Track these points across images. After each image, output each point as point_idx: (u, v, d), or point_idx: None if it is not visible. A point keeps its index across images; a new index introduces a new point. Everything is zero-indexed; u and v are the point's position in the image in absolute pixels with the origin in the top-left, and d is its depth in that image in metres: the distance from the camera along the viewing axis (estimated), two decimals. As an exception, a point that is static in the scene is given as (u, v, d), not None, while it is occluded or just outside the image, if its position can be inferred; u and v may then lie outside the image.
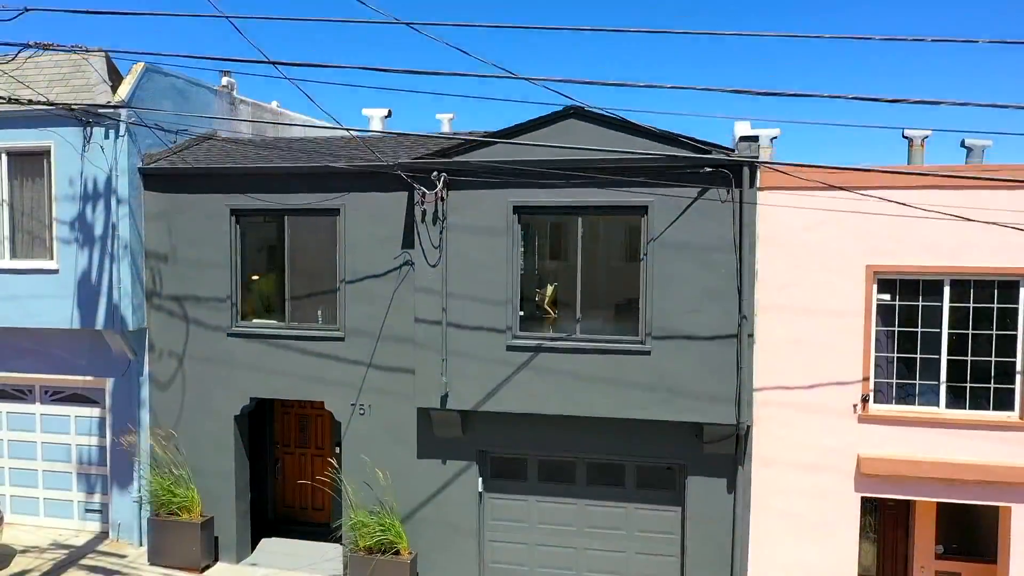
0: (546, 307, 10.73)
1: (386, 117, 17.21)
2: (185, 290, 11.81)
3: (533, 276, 10.74)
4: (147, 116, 11.83)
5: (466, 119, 27.38)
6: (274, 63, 7.56)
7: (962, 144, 14.54)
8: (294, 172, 11.28)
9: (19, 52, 10.48)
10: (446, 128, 17.71)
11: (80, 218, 11.74)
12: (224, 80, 15.08)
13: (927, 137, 14.51)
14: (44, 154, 11.86)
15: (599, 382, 10.19)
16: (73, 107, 11.27)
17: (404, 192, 10.84)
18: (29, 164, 11.99)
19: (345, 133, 12.54)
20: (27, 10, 8.16)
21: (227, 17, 7.43)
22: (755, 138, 9.88)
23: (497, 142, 10.33)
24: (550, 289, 10.80)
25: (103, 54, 12.25)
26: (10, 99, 10.45)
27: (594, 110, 10.04)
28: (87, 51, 11.42)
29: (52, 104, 11.13)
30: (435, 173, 10.36)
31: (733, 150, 9.85)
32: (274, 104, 16.29)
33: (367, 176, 11.00)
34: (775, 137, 17.03)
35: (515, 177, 10.23)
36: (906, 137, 14.40)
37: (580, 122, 10.13)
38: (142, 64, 11.96)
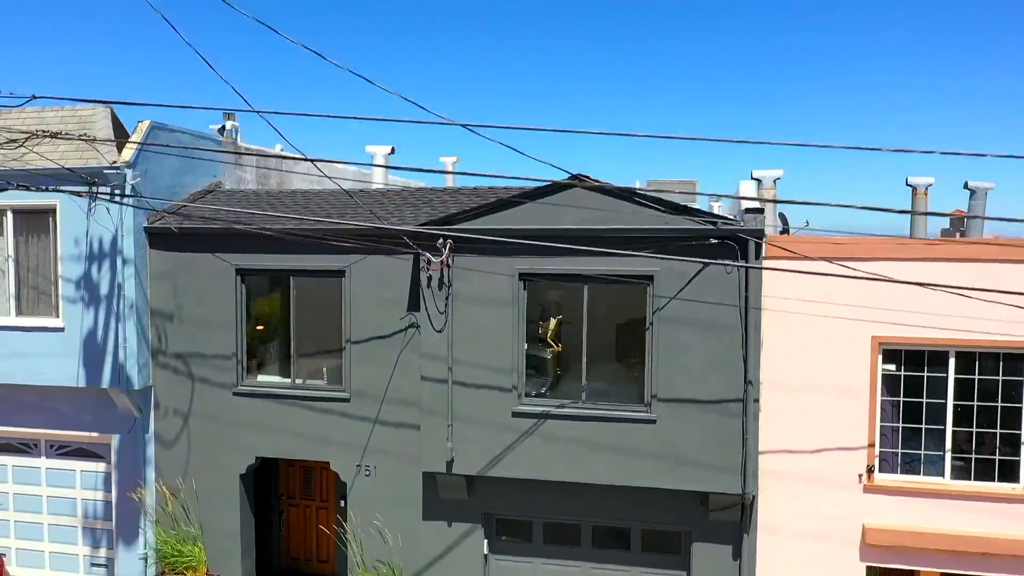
0: (549, 340, 10.82)
1: (389, 154, 17.27)
2: (191, 348, 11.83)
3: (537, 335, 10.77)
4: (152, 174, 11.86)
5: (469, 162, 27.33)
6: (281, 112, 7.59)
7: (965, 186, 14.57)
8: (299, 234, 11.28)
9: (25, 103, 10.59)
10: (450, 175, 17.73)
11: (86, 277, 11.75)
12: (228, 124, 15.11)
13: (930, 185, 14.56)
14: (50, 212, 11.88)
15: (605, 450, 10.22)
16: (77, 171, 11.34)
17: (410, 255, 10.85)
18: (35, 222, 12.00)
19: (351, 184, 12.57)
20: (34, 97, 8.21)
21: (227, 81, 7.45)
22: (760, 210, 9.89)
23: (503, 210, 10.35)
24: (553, 322, 10.89)
25: (108, 110, 12.28)
26: (13, 176, 10.46)
27: (599, 180, 10.09)
28: (93, 103, 11.55)
29: (57, 167, 11.23)
30: (441, 240, 10.37)
31: (739, 221, 9.87)
32: (278, 148, 16.29)
33: (372, 239, 11.01)
34: (778, 178, 17.05)
35: (521, 244, 10.24)
36: (910, 185, 14.44)
37: (585, 191, 10.14)
38: (148, 122, 11.97)
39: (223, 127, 16.07)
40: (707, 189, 17.46)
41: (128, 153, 11.62)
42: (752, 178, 17.46)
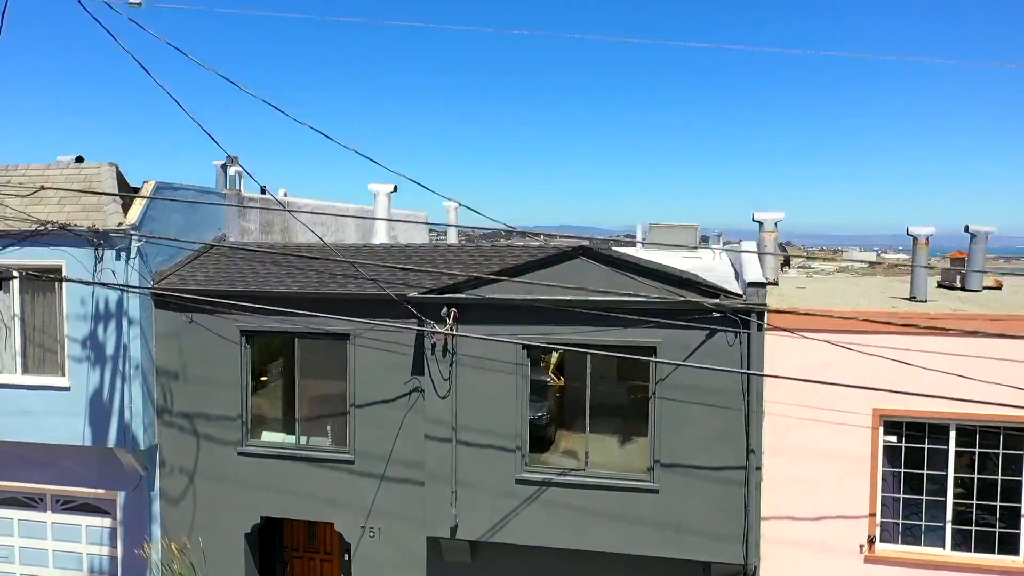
0: (551, 375, 10.89)
1: (392, 192, 17.33)
2: (196, 408, 11.90)
3: (542, 402, 10.83)
4: (158, 231, 11.93)
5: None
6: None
7: (966, 229, 14.63)
8: (303, 297, 11.35)
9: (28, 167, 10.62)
10: (452, 217, 17.83)
11: (92, 336, 11.82)
12: (232, 170, 15.18)
13: (931, 235, 14.60)
14: (56, 272, 11.93)
15: (607, 518, 10.29)
16: (83, 233, 11.42)
17: (414, 320, 10.92)
18: (41, 281, 12.07)
19: (356, 221, 12.65)
20: (43, 187, 8.28)
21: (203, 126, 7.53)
22: (762, 284, 9.96)
23: (508, 279, 10.41)
24: (555, 356, 10.94)
25: (113, 168, 12.35)
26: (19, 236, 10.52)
27: (603, 251, 10.17)
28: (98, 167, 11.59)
29: (63, 227, 11.31)
30: (445, 310, 10.44)
31: (741, 296, 9.93)
32: (282, 192, 16.36)
33: (377, 302, 11.08)
34: (779, 221, 17.09)
35: (525, 314, 10.32)
36: (911, 235, 14.49)
37: (590, 262, 10.22)
38: (152, 183, 12.04)
39: (225, 164, 16.13)
40: (710, 220, 17.49)
41: (134, 215, 11.70)
42: (753, 220, 17.55)
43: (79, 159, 19.30)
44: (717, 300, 9.83)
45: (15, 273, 11.98)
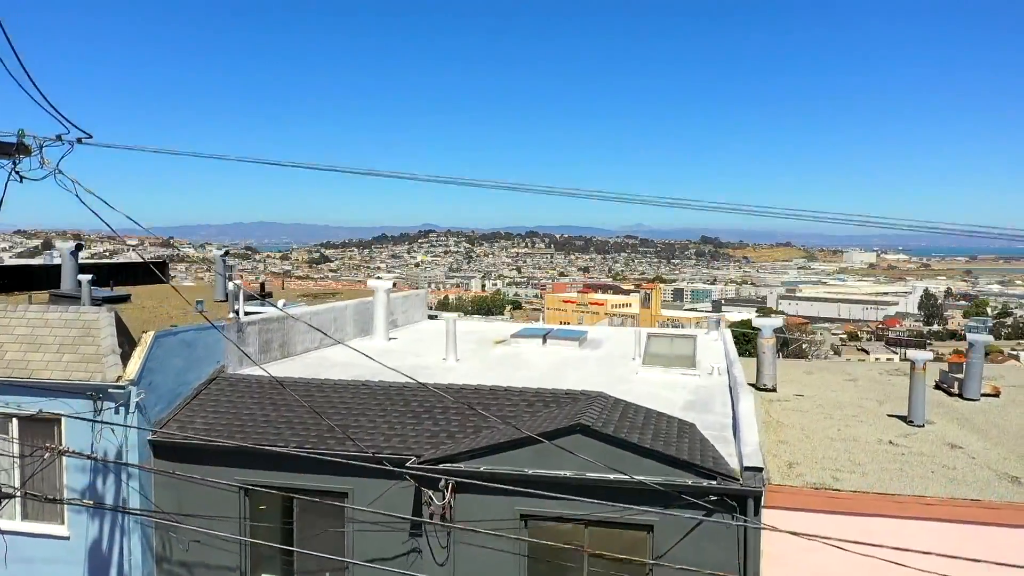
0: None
1: (390, 289, 17.36)
2: (196, 559, 11.94)
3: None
4: (157, 383, 11.97)
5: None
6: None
7: (963, 337, 14.67)
8: (303, 456, 11.38)
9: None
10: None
11: (91, 487, 11.86)
12: (231, 285, 15.21)
13: (929, 360, 14.68)
14: (55, 422, 11.97)
15: None
16: (82, 387, 11.47)
17: (412, 483, 10.95)
18: (41, 430, 12.10)
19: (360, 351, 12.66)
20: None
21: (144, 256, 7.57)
22: (759, 468, 9.99)
23: (506, 451, 10.45)
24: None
25: (112, 315, 12.37)
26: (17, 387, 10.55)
27: (601, 430, 10.21)
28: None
29: (61, 383, 11.36)
30: (443, 482, 10.48)
31: (738, 480, 9.97)
32: (281, 303, 16.40)
33: (376, 465, 11.10)
34: (777, 328, 17.13)
35: (523, 486, 10.36)
36: (909, 360, 14.57)
37: (587, 438, 10.26)
38: (151, 334, 12.07)
39: (227, 251, 16.11)
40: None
41: (133, 369, 11.73)
42: (752, 328, 17.59)
43: (79, 247, 19.31)
44: (714, 483, 9.87)
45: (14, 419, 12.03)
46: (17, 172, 8.67)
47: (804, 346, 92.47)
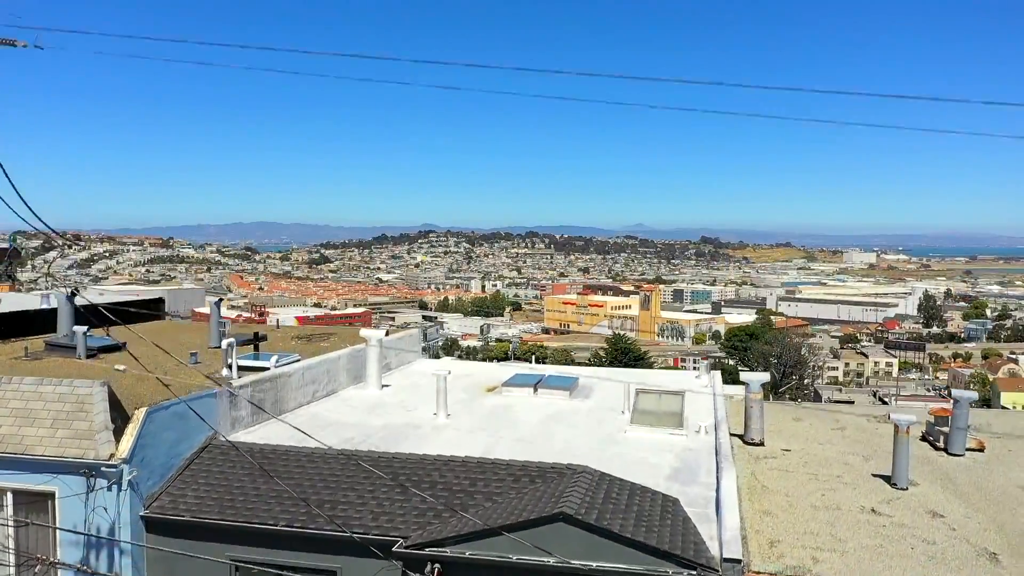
0: None
1: (383, 338, 17.53)
2: (187, 632, 12.13)
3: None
4: (149, 458, 12.17)
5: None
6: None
7: (949, 393, 14.86)
8: (293, 534, 11.58)
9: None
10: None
11: (84, 562, 12.05)
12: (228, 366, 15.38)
13: (912, 423, 14.88)
14: (49, 497, 12.17)
15: None
16: (74, 463, 11.66)
17: (400, 564, 11.15)
18: (34, 505, 12.29)
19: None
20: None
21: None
22: (738, 560, 10.18)
23: (489, 536, 10.64)
24: None
25: (105, 389, 12.55)
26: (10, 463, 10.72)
27: (583, 518, 10.40)
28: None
29: (55, 459, 11.54)
30: (429, 567, 10.68)
31: (717, 572, 10.15)
32: (273, 360, 16.58)
33: (364, 544, 11.30)
34: (765, 383, 17.33)
35: (508, 574, 10.57)
36: (893, 422, 14.76)
37: (569, 526, 10.44)
38: (143, 411, 12.26)
39: (220, 301, 16.27)
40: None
41: (125, 447, 11.91)
42: (740, 382, 17.78)
43: (74, 294, 19.44)
44: (694, 573, 10.06)
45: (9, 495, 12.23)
46: (11, 276, 8.87)
47: (803, 351, 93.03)
